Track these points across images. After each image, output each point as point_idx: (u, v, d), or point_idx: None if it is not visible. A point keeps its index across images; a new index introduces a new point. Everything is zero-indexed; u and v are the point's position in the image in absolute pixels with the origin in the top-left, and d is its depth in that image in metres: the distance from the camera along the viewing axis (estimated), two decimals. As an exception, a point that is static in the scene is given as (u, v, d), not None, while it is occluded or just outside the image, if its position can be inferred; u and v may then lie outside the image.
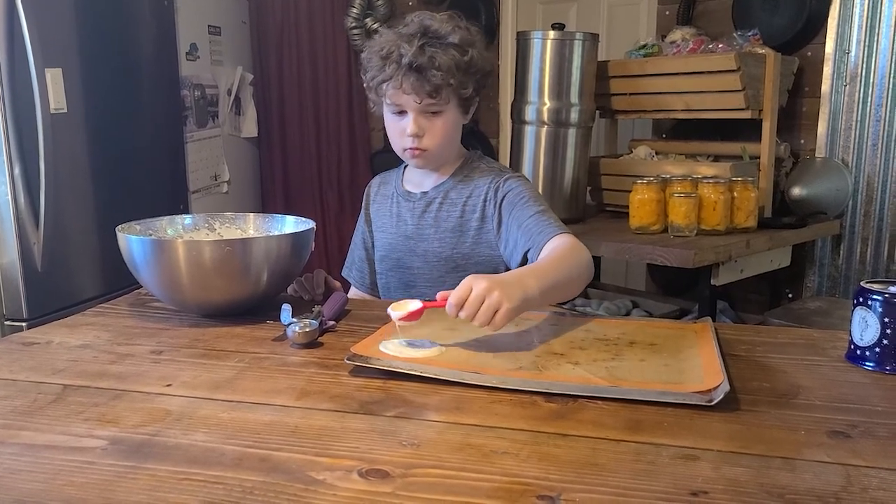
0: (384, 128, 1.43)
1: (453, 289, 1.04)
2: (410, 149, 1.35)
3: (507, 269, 1.36)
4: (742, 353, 1.03)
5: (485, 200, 1.39)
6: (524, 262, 1.29)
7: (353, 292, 1.55)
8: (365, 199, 1.57)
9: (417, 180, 1.47)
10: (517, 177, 1.41)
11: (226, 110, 3.34)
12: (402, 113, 1.34)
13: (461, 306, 0.99)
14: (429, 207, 1.43)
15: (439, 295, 1.02)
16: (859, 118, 2.56)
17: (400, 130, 1.35)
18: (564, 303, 2.43)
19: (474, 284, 0.99)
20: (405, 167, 1.51)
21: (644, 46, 2.67)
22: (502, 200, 1.37)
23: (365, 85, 1.38)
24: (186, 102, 3.03)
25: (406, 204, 1.46)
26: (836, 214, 2.62)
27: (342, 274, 1.59)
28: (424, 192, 1.44)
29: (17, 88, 2.06)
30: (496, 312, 0.98)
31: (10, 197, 2.08)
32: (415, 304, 1.02)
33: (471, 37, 1.34)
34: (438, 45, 1.29)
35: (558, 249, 1.23)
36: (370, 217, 1.54)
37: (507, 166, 1.49)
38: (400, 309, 1.02)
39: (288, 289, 1.36)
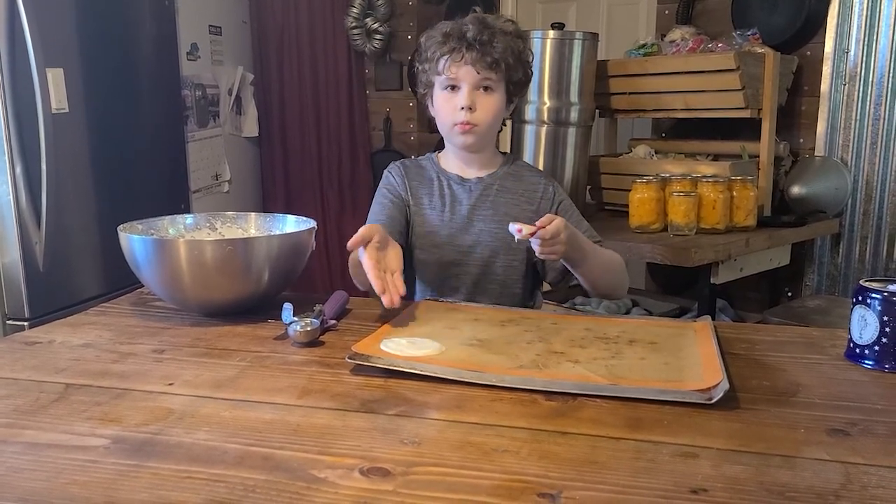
0: (384, 127, 1.45)
1: (495, 276, 1.46)
2: (461, 123, 1.40)
3: (536, 267, 1.51)
4: (741, 351, 1.03)
5: (541, 197, 1.49)
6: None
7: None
8: (397, 177, 1.51)
9: (460, 167, 1.52)
10: (563, 191, 1.56)
11: (227, 110, 3.34)
12: (454, 89, 1.41)
13: (548, 236, 1.21)
14: (486, 191, 1.49)
15: (525, 227, 1.21)
16: (858, 117, 2.57)
17: (452, 106, 1.41)
18: (564, 300, 2.46)
19: (561, 230, 1.23)
20: (436, 154, 1.55)
21: (643, 46, 2.67)
22: (559, 206, 1.49)
23: (420, 67, 1.46)
24: (187, 102, 3.03)
25: (460, 187, 1.49)
26: (836, 213, 2.63)
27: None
28: (480, 178, 1.50)
29: (19, 88, 2.06)
30: (558, 247, 1.24)
31: (11, 196, 2.09)
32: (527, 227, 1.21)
33: (524, 32, 1.47)
34: (497, 30, 1.40)
35: (609, 252, 1.47)
36: (409, 197, 1.49)
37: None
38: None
39: (357, 251, 1.18)
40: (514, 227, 1.22)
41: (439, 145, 1.62)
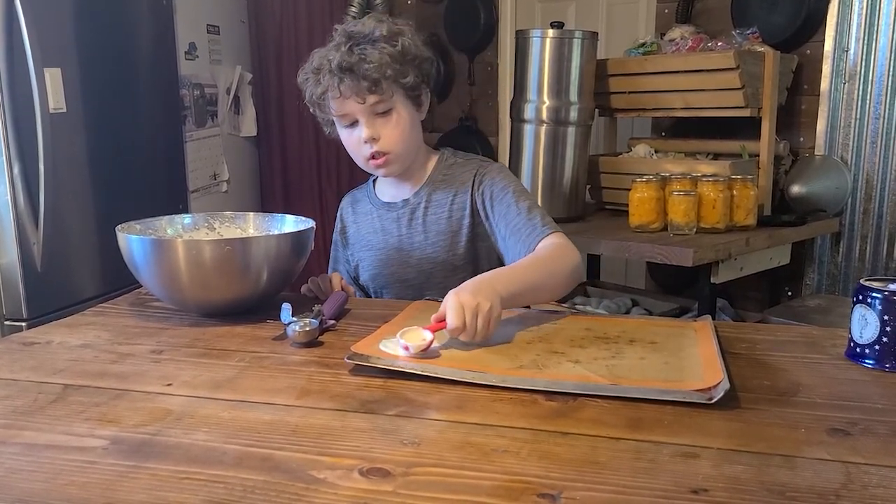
0: None
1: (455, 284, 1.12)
2: (372, 157, 1.32)
3: (502, 262, 1.34)
4: (742, 350, 1.03)
5: (472, 195, 1.36)
6: None
7: None
8: (339, 222, 1.52)
9: (392, 191, 1.44)
10: (499, 168, 1.39)
11: (225, 109, 3.34)
12: (353, 124, 1.31)
13: (462, 329, 0.99)
14: (414, 214, 1.40)
15: (433, 318, 1.01)
16: (858, 116, 2.57)
17: (356, 141, 1.32)
18: (564, 300, 2.42)
19: (464, 303, 0.99)
20: (374, 181, 1.49)
21: (643, 45, 2.67)
22: (489, 194, 1.34)
23: (311, 110, 1.35)
24: (185, 102, 3.03)
25: (389, 215, 1.42)
26: (836, 212, 2.63)
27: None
28: (406, 200, 1.41)
29: (17, 88, 2.06)
30: (485, 328, 1.01)
31: (9, 197, 2.08)
32: (426, 335, 0.99)
33: (398, 27, 1.31)
34: (365, 42, 1.27)
35: (542, 251, 1.24)
36: (348, 240, 1.50)
37: (487, 158, 1.47)
38: (411, 340, 0.98)
39: (302, 287, 1.36)
40: (405, 343, 0.98)
41: (438, 143, 1.61)
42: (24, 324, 2.12)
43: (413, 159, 1.39)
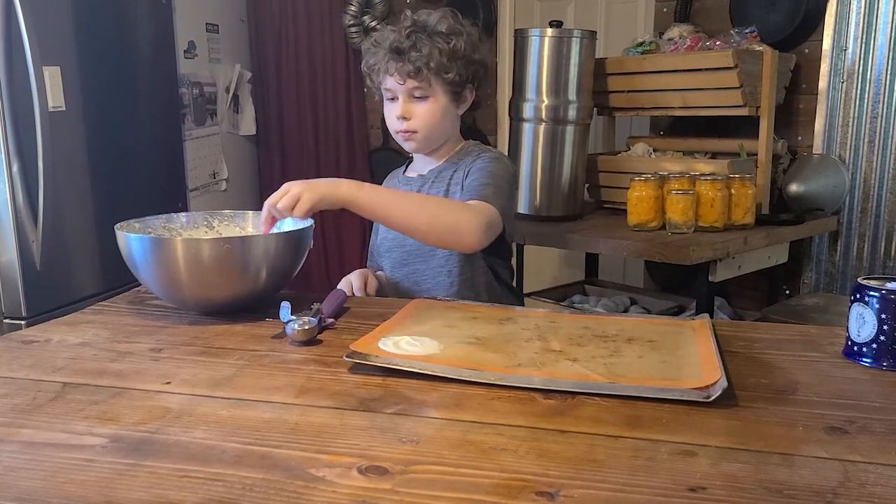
0: (383, 126, 1.49)
1: (447, 265, 1.44)
2: (401, 131, 1.46)
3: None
4: (740, 349, 1.03)
5: (465, 174, 1.46)
6: None
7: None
8: None
9: (419, 167, 1.57)
10: (496, 156, 1.49)
11: (224, 108, 3.34)
12: (393, 99, 1.45)
13: (274, 204, 1.19)
14: (421, 188, 1.51)
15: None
16: (856, 115, 2.57)
17: (392, 115, 1.46)
18: (562, 299, 2.45)
19: (288, 183, 1.21)
20: (411, 159, 1.61)
21: (642, 44, 2.67)
22: (471, 169, 1.45)
23: (364, 74, 1.51)
24: (185, 100, 3.03)
25: (404, 188, 1.54)
26: (834, 211, 2.63)
27: (368, 265, 1.66)
28: (422, 175, 1.54)
29: (15, 87, 2.06)
30: (298, 201, 1.20)
31: (8, 195, 2.08)
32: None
33: (459, 27, 1.43)
34: (425, 33, 1.40)
35: (446, 200, 1.39)
36: None
37: (502, 152, 1.59)
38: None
39: (343, 283, 1.47)
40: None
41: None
42: (22, 322, 2.12)
43: (440, 143, 1.50)
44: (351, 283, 1.47)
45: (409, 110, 1.43)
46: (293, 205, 1.20)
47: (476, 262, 1.47)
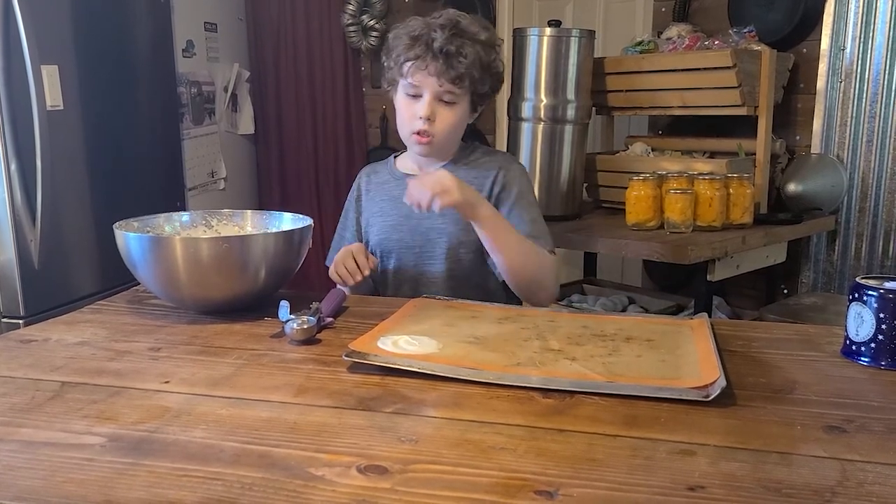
0: (381, 125, 1.47)
1: (458, 267, 1.43)
2: (418, 133, 1.39)
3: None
4: (738, 348, 1.03)
5: (493, 181, 1.45)
6: None
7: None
8: (355, 191, 1.58)
9: (414, 166, 1.52)
10: (521, 170, 1.49)
11: (222, 107, 3.33)
12: (416, 97, 1.39)
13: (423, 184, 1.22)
14: None
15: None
16: (854, 114, 2.57)
17: (411, 113, 1.40)
18: (561, 298, 2.44)
19: (444, 173, 1.24)
20: (395, 157, 1.56)
21: (640, 43, 2.67)
22: (508, 189, 1.44)
23: (385, 64, 1.43)
24: (183, 99, 3.03)
25: (399, 184, 1.49)
26: (832, 210, 2.63)
27: (326, 263, 1.57)
28: (428, 173, 1.48)
29: (14, 86, 2.06)
30: (444, 193, 1.23)
31: (6, 194, 2.08)
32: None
33: (495, 41, 1.42)
34: (468, 38, 1.36)
35: (535, 246, 1.38)
36: (361, 209, 1.56)
37: (511, 155, 1.57)
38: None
39: (331, 272, 1.42)
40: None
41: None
42: (21, 321, 2.12)
43: (448, 151, 1.49)
44: (344, 264, 1.39)
45: (433, 112, 1.38)
46: (440, 192, 1.23)
47: (485, 268, 1.46)
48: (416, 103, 1.39)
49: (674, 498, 0.64)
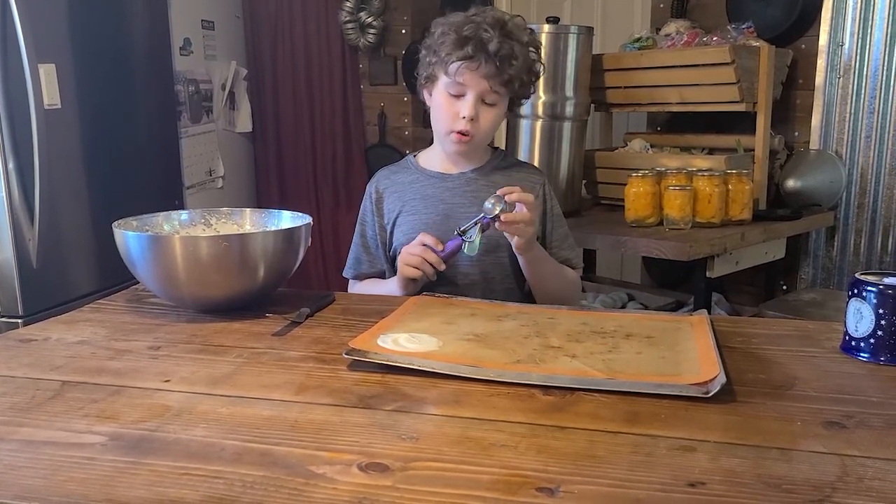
0: (379, 122, 1.45)
1: (490, 267, 1.43)
2: (460, 132, 1.38)
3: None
4: (738, 344, 1.03)
5: (543, 198, 1.49)
6: None
7: (360, 286, 1.53)
8: (371, 196, 1.52)
9: (445, 165, 1.50)
10: (551, 189, 1.54)
11: (220, 105, 3.33)
12: (458, 96, 1.38)
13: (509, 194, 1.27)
14: (467, 185, 1.46)
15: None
16: (853, 110, 2.57)
17: (453, 112, 1.38)
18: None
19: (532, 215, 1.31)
20: (414, 156, 1.54)
21: (639, 39, 2.67)
22: (551, 206, 1.51)
23: (427, 59, 1.41)
24: (180, 97, 3.02)
25: (442, 184, 1.47)
26: (830, 206, 2.63)
27: (344, 275, 1.57)
28: (463, 173, 1.48)
29: (11, 84, 2.05)
30: (524, 231, 1.30)
31: (4, 193, 2.08)
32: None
33: (538, 42, 1.43)
34: (516, 41, 1.35)
35: (567, 272, 1.50)
36: (382, 211, 1.50)
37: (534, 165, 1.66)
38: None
39: (407, 271, 1.34)
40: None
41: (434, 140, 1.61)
42: (19, 320, 2.12)
43: (482, 151, 1.51)
44: (422, 257, 1.32)
45: (475, 112, 1.37)
46: (528, 221, 1.30)
47: (520, 271, 1.45)
48: (458, 102, 1.38)
49: (674, 494, 0.64)
